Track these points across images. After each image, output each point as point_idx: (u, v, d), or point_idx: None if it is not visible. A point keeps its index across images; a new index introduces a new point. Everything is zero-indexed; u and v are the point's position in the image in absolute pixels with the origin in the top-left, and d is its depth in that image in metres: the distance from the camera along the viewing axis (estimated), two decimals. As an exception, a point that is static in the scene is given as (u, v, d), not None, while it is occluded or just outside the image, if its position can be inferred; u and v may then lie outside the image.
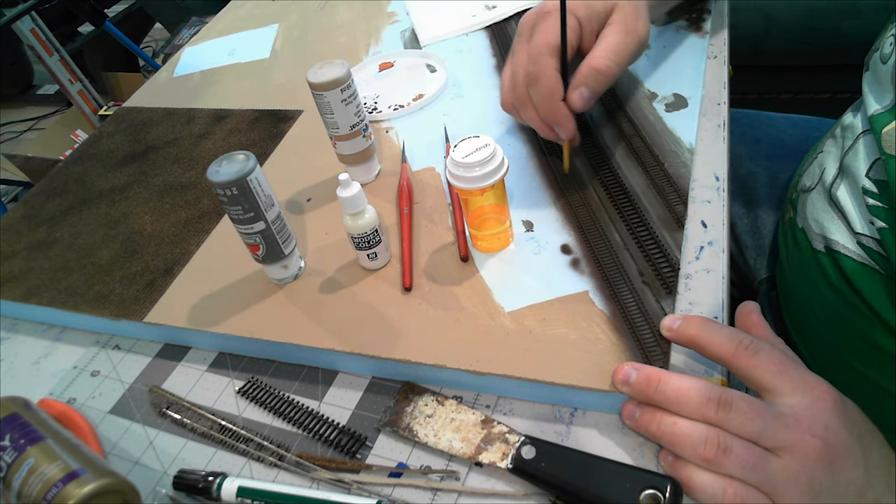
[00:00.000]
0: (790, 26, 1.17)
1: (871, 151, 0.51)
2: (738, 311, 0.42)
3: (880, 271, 0.49)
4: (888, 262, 0.48)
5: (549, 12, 0.52)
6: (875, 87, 0.52)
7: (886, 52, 0.50)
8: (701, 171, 0.53)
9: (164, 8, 2.24)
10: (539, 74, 0.50)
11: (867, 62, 0.54)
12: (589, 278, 0.47)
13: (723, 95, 0.60)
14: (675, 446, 0.36)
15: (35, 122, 2.72)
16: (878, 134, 0.48)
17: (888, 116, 0.48)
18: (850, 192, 0.52)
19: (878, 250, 0.49)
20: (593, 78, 0.50)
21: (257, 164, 0.47)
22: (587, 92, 0.50)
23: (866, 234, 0.50)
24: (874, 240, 0.49)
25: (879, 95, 0.51)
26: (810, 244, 0.56)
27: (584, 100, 0.50)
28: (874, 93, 0.51)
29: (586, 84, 0.50)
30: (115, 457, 0.47)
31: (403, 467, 0.41)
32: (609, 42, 0.51)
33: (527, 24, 0.54)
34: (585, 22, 0.52)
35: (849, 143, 0.55)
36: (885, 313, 0.49)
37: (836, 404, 0.35)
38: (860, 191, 0.51)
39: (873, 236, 0.49)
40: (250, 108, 0.77)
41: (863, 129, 0.53)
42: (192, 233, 0.61)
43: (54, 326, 0.59)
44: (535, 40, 0.51)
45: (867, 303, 0.50)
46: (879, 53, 0.52)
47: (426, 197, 0.58)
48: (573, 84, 0.50)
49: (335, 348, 0.47)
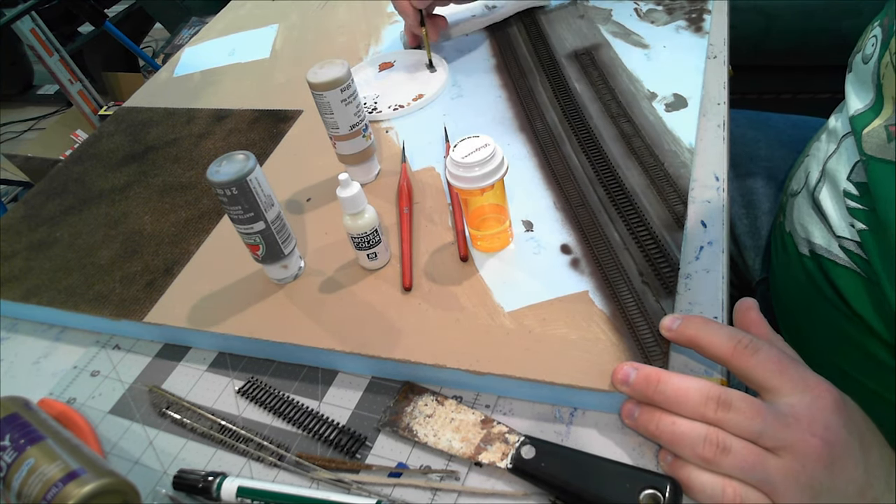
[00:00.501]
0: (790, 26, 1.17)
1: (853, 154, 0.51)
2: (736, 308, 0.42)
3: (863, 275, 0.49)
4: (869, 265, 0.48)
5: None
6: (856, 87, 0.52)
7: (868, 52, 0.50)
8: (701, 171, 0.53)
9: (164, 8, 2.24)
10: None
11: (850, 63, 0.54)
12: (589, 278, 0.47)
13: (723, 95, 0.60)
14: (675, 446, 0.36)
15: (35, 122, 2.71)
16: (858, 135, 0.48)
17: (868, 116, 0.48)
18: (832, 196, 0.52)
19: (858, 253, 0.49)
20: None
21: (257, 164, 0.47)
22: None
23: (847, 237, 0.50)
24: (855, 242, 0.49)
25: (861, 96, 0.51)
26: (797, 248, 0.57)
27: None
28: (856, 93, 0.52)
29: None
30: (115, 457, 0.47)
31: (403, 467, 0.41)
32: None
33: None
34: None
35: (832, 147, 0.55)
36: (868, 316, 0.49)
37: (836, 403, 0.35)
38: (841, 194, 0.51)
39: (854, 239, 0.49)
40: (250, 108, 0.77)
41: (845, 132, 0.53)
42: (192, 233, 0.61)
43: (54, 326, 0.59)
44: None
45: (851, 306, 0.50)
46: (861, 54, 0.52)
47: (426, 197, 0.58)
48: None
49: (335, 348, 0.47)
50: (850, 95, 0.52)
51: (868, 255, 0.47)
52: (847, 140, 0.52)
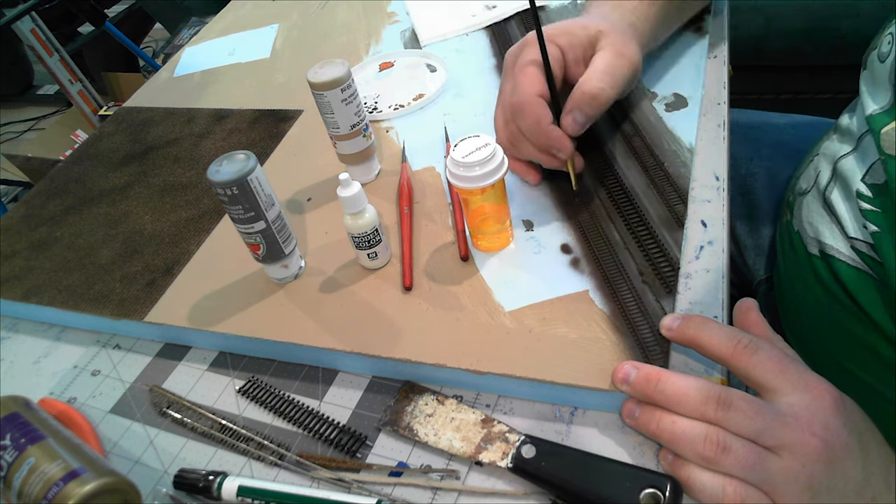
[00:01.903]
0: (790, 26, 1.17)
1: (870, 155, 0.50)
2: (736, 309, 0.42)
3: (874, 276, 0.49)
4: (882, 267, 0.47)
5: (529, 43, 0.51)
6: (872, 86, 0.51)
7: (884, 50, 0.50)
8: (701, 171, 0.53)
9: (164, 8, 2.24)
10: (522, 104, 0.49)
11: (865, 60, 0.54)
12: (589, 278, 0.47)
13: (723, 95, 0.60)
14: (675, 445, 0.36)
15: (35, 122, 2.71)
16: (876, 134, 0.48)
17: (887, 117, 0.48)
18: (844, 196, 0.52)
19: (871, 255, 0.49)
20: (586, 103, 0.49)
21: (257, 163, 0.47)
22: (581, 116, 0.49)
23: (860, 238, 0.50)
24: (868, 244, 0.49)
25: (877, 95, 0.50)
26: (805, 248, 0.56)
27: (577, 124, 0.49)
28: (871, 92, 0.51)
29: (579, 108, 0.49)
30: (116, 456, 0.47)
31: (403, 466, 0.41)
32: (600, 65, 0.50)
33: (510, 58, 0.54)
34: (568, 49, 0.51)
35: (846, 146, 0.54)
36: (879, 319, 0.49)
37: (835, 403, 0.35)
38: (854, 195, 0.50)
39: (867, 241, 0.49)
40: (250, 108, 0.77)
41: (861, 131, 0.53)
42: (192, 232, 0.61)
43: (55, 326, 0.59)
44: (516, 72, 0.51)
45: (862, 308, 0.50)
46: (877, 52, 0.51)
47: (426, 196, 0.58)
48: (566, 109, 0.49)
49: (335, 348, 0.47)
50: (864, 94, 0.52)
51: (882, 257, 0.47)
52: (865, 140, 0.51)
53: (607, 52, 0.51)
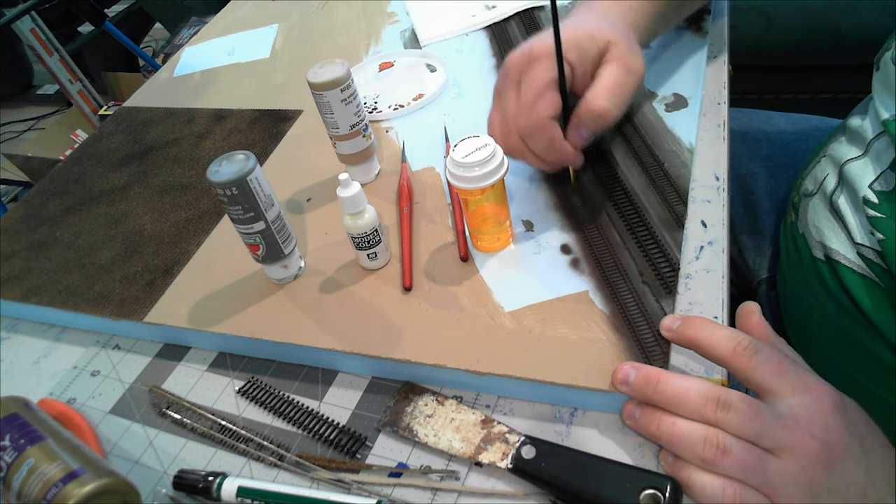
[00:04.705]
0: (790, 26, 1.17)
1: (881, 161, 0.49)
2: (739, 312, 0.42)
3: (880, 284, 0.49)
4: (888, 275, 0.47)
5: (538, 58, 0.48)
6: (886, 89, 0.50)
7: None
8: (701, 171, 0.53)
9: (164, 8, 2.24)
10: (535, 129, 0.48)
11: (877, 61, 0.53)
12: (589, 278, 0.47)
13: (723, 95, 0.60)
14: (675, 446, 0.36)
15: (35, 122, 2.71)
16: (893, 138, 0.47)
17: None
18: (851, 202, 0.51)
19: (878, 262, 0.48)
20: (592, 121, 0.48)
21: (257, 163, 0.47)
22: (587, 132, 0.48)
23: (866, 244, 0.49)
24: (875, 251, 0.48)
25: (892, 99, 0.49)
26: (810, 251, 0.56)
27: (583, 139, 0.49)
28: (886, 95, 0.50)
29: (585, 125, 0.48)
30: (115, 457, 0.47)
31: (403, 467, 0.41)
32: (608, 82, 0.48)
33: (513, 66, 0.50)
34: (578, 64, 0.49)
35: (854, 149, 0.54)
36: (884, 326, 0.49)
37: (836, 405, 0.35)
38: (860, 201, 0.50)
39: (873, 247, 0.48)
40: (250, 108, 0.77)
41: (874, 135, 0.52)
42: (192, 233, 0.61)
43: (54, 326, 0.59)
44: (525, 91, 0.48)
45: (866, 315, 0.50)
46: (891, 53, 0.50)
47: (426, 197, 0.58)
48: (572, 123, 0.49)
49: (335, 348, 0.47)
50: (878, 96, 0.51)
51: (888, 264, 0.47)
52: (877, 144, 0.50)
53: (615, 66, 0.49)
